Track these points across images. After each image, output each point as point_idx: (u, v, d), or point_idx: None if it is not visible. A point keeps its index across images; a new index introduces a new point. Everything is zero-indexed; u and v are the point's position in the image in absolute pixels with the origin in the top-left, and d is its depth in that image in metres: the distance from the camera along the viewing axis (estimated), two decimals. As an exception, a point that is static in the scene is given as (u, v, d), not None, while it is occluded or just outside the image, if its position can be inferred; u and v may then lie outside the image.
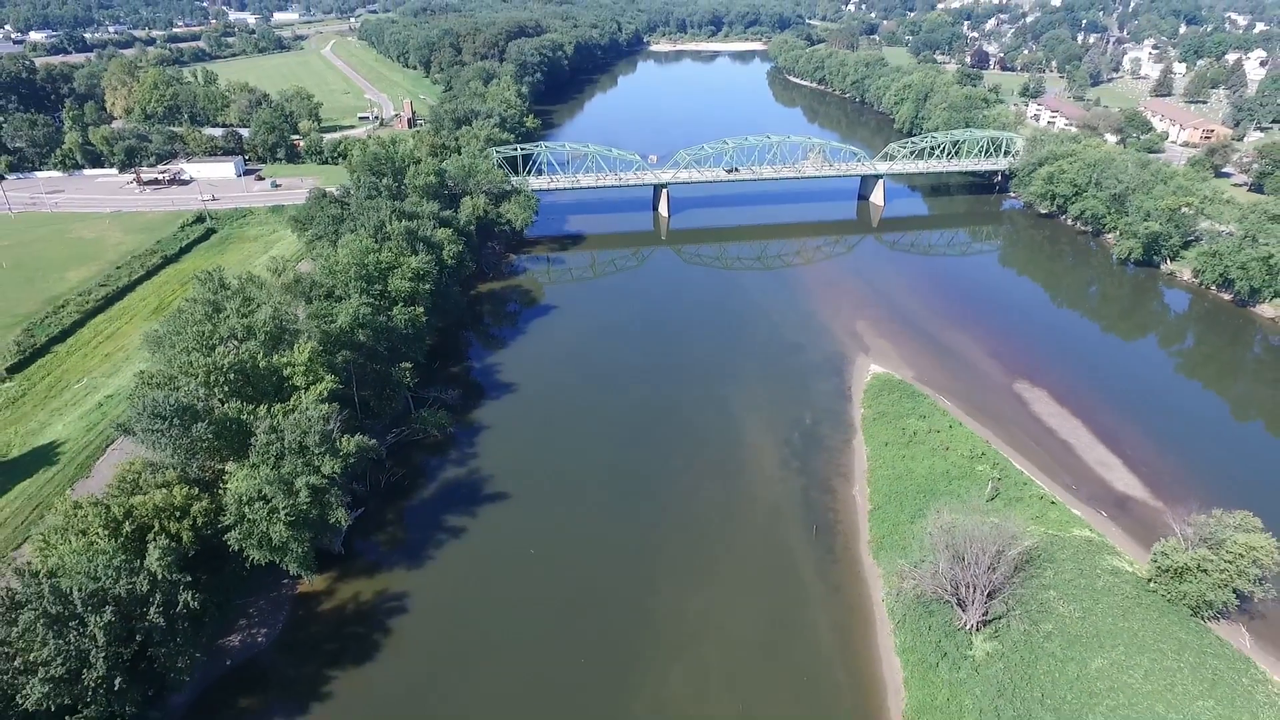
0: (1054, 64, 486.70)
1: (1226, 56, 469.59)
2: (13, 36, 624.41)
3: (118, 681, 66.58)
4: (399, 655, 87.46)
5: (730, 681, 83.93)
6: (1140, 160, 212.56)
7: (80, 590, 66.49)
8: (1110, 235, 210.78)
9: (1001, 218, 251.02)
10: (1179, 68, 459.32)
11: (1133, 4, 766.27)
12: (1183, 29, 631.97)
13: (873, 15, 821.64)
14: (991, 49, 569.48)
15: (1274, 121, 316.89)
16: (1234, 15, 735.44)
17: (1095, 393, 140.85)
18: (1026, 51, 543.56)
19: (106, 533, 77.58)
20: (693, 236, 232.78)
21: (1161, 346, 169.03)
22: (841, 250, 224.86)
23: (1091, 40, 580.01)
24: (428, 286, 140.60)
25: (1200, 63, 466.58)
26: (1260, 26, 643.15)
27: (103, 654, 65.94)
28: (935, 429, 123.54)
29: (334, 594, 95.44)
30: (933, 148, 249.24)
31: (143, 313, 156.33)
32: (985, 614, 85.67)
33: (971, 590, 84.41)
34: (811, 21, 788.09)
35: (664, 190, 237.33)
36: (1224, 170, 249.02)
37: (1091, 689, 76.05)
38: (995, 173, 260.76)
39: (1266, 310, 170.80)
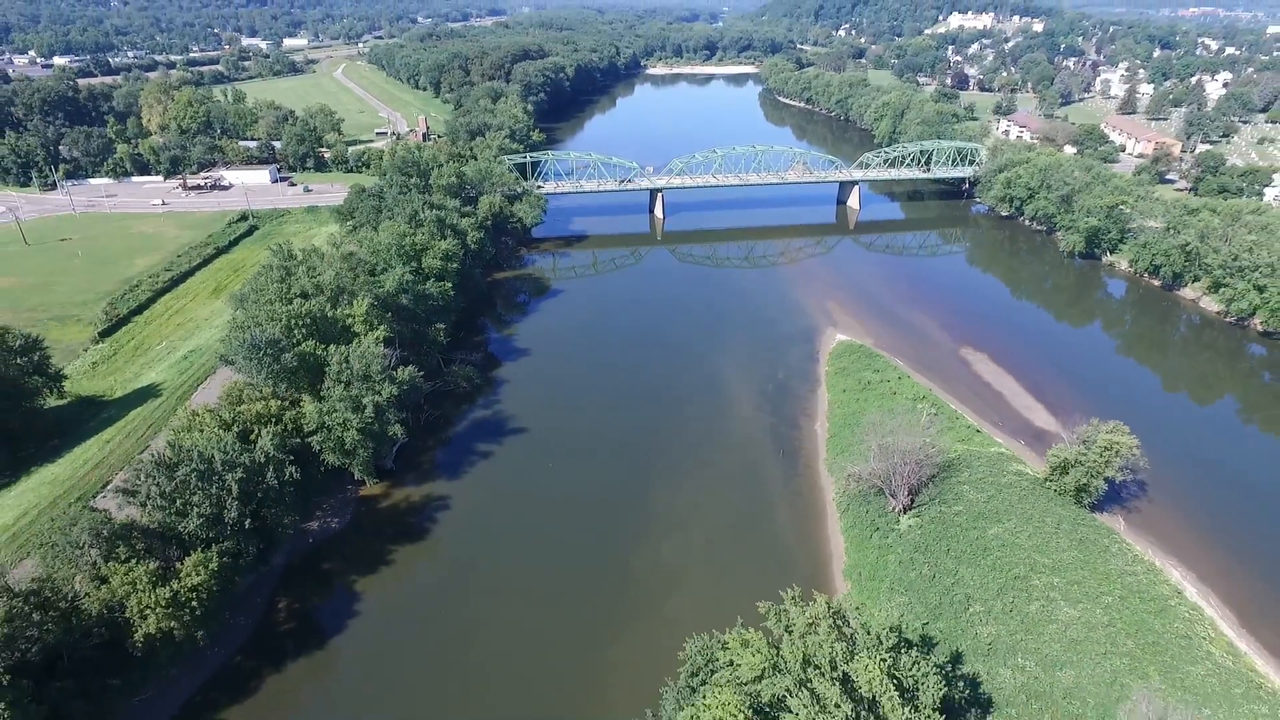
0: (1029, 85, 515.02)
1: (1192, 78, 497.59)
2: (38, 61, 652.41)
3: (246, 523, 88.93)
4: (444, 539, 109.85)
5: (708, 552, 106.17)
6: (1084, 165, 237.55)
7: (219, 454, 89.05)
8: (1060, 233, 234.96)
9: (968, 220, 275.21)
10: (1147, 88, 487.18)
11: (1111, 29, 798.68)
12: (1157, 53, 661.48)
13: (862, 40, 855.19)
14: (972, 71, 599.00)
15: (1223, 135, 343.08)
16: (1207, 40, 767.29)
17: (1031, 358, 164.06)
18: (1005, 74, 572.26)
19: (220, 430, 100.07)
20: (686, 237, 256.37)
21: (1095, 322, 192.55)
22: (821, 250, 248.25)
23: (1069, 64, 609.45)
24: (455, 266, 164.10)
25: (1166, 83, 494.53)
26: (1230, 50, 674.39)
27: (235, 502, 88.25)
28: (886, 380, 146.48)
29: (389, 497, 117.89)
30: (904, 157, 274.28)
31: (203, 293, 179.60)
32: (911, 502, 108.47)
33: (900, 481, 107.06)
34: (802, 46, 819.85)
35: (659, 195, 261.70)
36: (1168, 177, 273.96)
37: (986, 546, 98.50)
38: (963, 180, 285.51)
39: (1188, 293, 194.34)
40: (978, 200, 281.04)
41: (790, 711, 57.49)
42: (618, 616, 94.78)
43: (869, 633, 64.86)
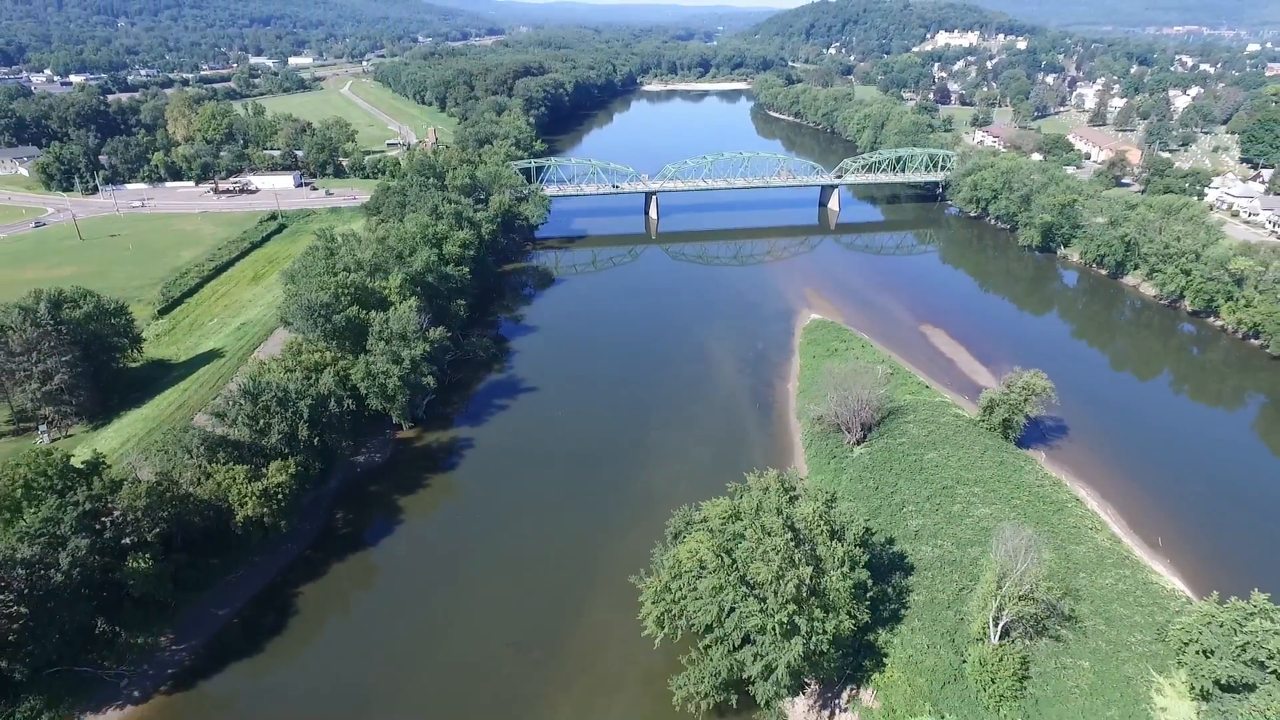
0: (1008, 99, 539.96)
1: (1165, 93, 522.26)
2: (56, 79, 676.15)
3: (315, 442, 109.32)
4: (470, 470, 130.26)
5: (691, 481, 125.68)
6: (1040, 168, 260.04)
7: (293, 385, 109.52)
8: (1020, 230, 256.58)
9: (940, 221, 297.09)
10: (1119, 102, 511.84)
11: (1092, 47, 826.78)
12: (1134, 69, 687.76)
13: (851, 58, 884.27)
14: (954, 86, 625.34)
15: (1181, 144, 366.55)
16: (1184, 57, 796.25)
17: (983, 334, 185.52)
18: (985, 89, 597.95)
19: (285, 375, 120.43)
20: (678, 237, 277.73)
21: (1044, 305, 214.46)
22: (804, 250, 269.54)
23: (1049, 79, 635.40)
24: (471, 253, 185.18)
25: (1137, 97, 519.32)
26: (1204, 66, 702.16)
27: (305, 424, 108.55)
28: (851, 348, 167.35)
29: (421, 439, 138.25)
30: (880, 162, 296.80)
31: (244, 280, 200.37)
32: (864, 437, 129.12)
33: (854, 420, 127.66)
34: (793, 64, 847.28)
35: (654, 197, 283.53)
36: (1124, 181, 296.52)
37: (922, 466, 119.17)
38: (936, 184, 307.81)
39: (1130, 280, 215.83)
40: (949, 203, 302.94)
41: (744, 538, 77.69)
42: (616, 523, 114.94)
43: (808, 494, 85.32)
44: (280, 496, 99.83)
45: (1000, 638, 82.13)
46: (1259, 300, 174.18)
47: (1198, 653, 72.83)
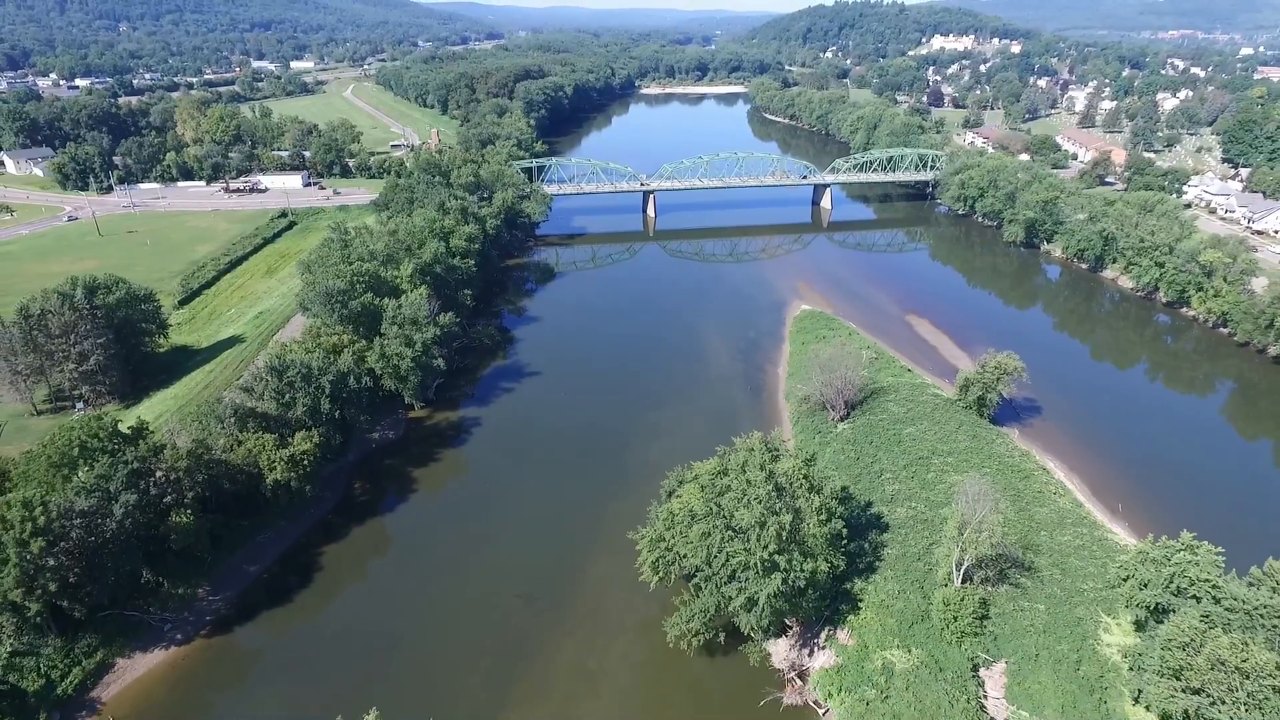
0: (1000, 102, 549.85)
1: (1156, 95, 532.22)
2: (61, 83, 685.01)
3: (336, 415, 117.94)
4: (477, 446, 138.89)
5: (686, 452, 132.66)
6: (1024, 166, 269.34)
7: (315, 362, 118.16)
8: (1005, 226, 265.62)
9: (930, 219, 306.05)
10: (1109, 104, 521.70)
11: (1085, 51, 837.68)
12: (1126, 72, 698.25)
13: (848, 62, 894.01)
14: (948, 89, 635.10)
15: (1166, 145, 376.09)
16: (1175, 60, 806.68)
17: (966, 323, 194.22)
18: (978, 91, 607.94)
19: (306, 355, 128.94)
20: (675, 235, 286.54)
21: (1026, 296, 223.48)
22: (798, 247, 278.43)
23: (1042, 83, 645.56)
24: (476, 247, 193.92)
25: (1126, 100, 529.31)
26: (1195, 70, 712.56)
27: (326, 399, 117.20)
28: (839, 335, 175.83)
29: (431, 418, 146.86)
30: (871, 162, 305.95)
31: (258, 273, 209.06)
32: (847, 414, 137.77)
33: (838, 398, 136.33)
34: (790, 67, 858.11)
35: (651, 196, 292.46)
36: (1108, 179, 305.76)
37: (901, 439, 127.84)
38: (926, 183, 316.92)
39: (1109, 274, 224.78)
40: (939, 201, 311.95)
41: (730, 490, 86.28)
42: (616, 490, 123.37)
43: (789, 454, 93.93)
44: (305, 463, 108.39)
45: (963, 581, 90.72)
46: (1226, 291, 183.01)
47: (1134, 585, 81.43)
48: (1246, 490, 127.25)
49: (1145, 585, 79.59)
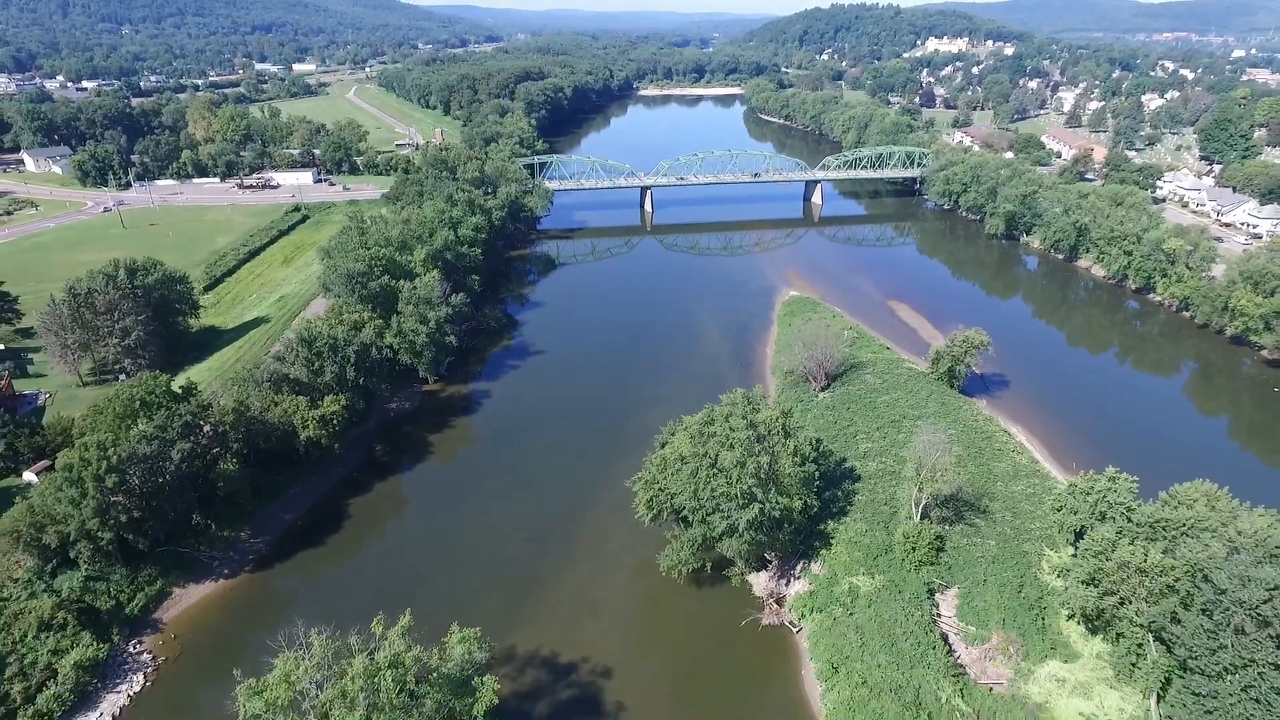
0: (990, 102, 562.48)
1: (1143, 96, 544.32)
2: (69, 85, 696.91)
3: (360, 382, 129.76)
4: (488, 415, 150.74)
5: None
6: (1005, 162, 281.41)
7: (341, 334, 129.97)
8: (987, 219, 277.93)
9: (917, 214, 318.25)
10: (1096, 105, 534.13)
11: (1077, 53, 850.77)
12: (1116, 74, 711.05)
13: (843, 64, 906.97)
14: (940, 91, 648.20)
15: (1148, 143, 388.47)
16: (1166, 62, 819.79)
17: (944, 308, 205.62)
18: (969, 92, 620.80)
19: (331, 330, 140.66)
20: (671, 229, 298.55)
21: (1003, 283, 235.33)
22: (790, 241, 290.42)
23: (1033, 84, 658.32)
24: (483, 236, 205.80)
25: (1113, 100, 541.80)
26: (1184, 72, 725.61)
27: (351, 368, 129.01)
28: (823, 318, 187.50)
29: (444, 391, 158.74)
30: (860, 159, 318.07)
31: (275, 263, 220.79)
32: (827, 385, 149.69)
33: (819, 370, 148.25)
34: (786, 69, 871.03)
35: (649, 192, 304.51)
36: (1087, 175, 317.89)
37: (875, 405, 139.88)
38: (914, 179, 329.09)
39: (1083, 263, 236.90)
40: (925, 197, 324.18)
41: (715, 436, 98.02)
42: (616, 451, 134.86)
43: (769, 406, 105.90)
44: (334, 422, 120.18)
45: (921, 519, 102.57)
46: (1189, 277, 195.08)
47: (1066, 513, 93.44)
48: (1174, 431, 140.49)
49: (1076, 512, 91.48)
